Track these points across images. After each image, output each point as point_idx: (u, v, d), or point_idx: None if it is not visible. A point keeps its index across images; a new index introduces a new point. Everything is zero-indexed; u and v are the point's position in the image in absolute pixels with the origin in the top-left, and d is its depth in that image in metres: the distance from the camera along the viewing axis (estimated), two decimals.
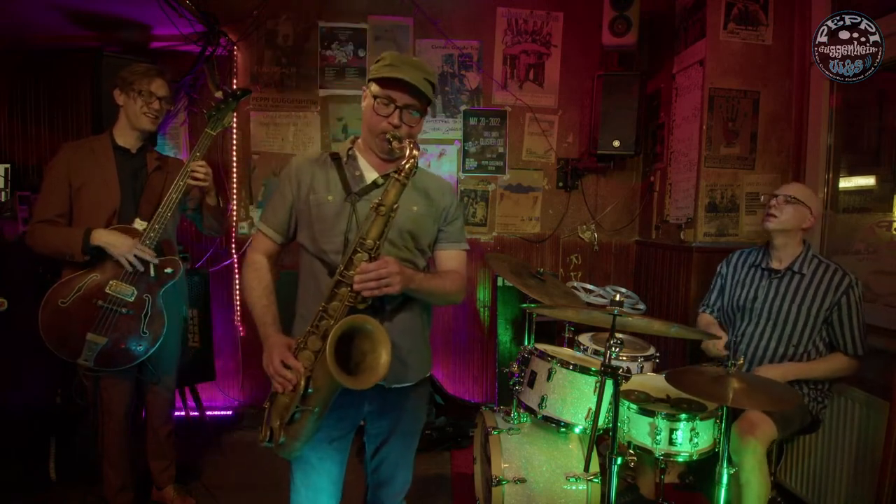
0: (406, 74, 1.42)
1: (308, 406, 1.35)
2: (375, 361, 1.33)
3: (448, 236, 1.63)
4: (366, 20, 3.40)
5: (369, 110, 1.48)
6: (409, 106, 1.46)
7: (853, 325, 2.10)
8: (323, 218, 1.49)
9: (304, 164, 1.57)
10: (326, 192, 1.51)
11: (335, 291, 1.37)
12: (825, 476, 2.33)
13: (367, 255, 1.35)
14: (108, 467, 2.26)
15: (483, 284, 3.62)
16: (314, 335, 1.38)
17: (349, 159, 1.56)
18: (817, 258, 2.21)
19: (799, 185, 2.28)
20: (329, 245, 1.48)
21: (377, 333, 1.34)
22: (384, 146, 1.48)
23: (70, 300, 2.04)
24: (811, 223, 2.21)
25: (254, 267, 1.55)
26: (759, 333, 2.24)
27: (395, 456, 1.65)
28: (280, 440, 1.37)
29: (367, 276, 1.32)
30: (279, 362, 1.36)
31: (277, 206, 1.57)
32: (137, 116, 2.17)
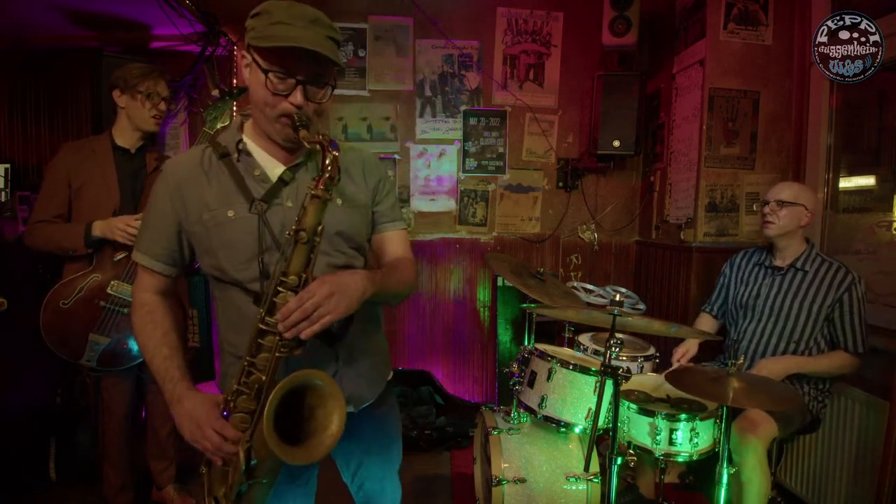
0: (305, 38, 1.06)
1: (255, 479, 1.12)
2: (326, 420, 1.09)
3: (383, 216, 1.35)
4: (366, 20, 3.40)
5: (258, 87, 1.11)
6: (315, 76, 1.12)
7: (854, 322, 2.11)
8: (227, 241, 1.17)
9: (184, 172, 1.21)
10: (224, 206, 1.17)
11: (260, 342, 1.09)
12: (825, 476, 2.33)
13: (293, 293, 1.07)
14: (109, 467, 2.26)
15: (483, 284, 3.62)
16: (244, 395, 1.11)
17: (241, 155, 1.21)
18: (820, 256, 2.22)
19: (788, 185, 2.27)
20: (243, 274, 1.18)
21: (327, 388, 1.09)
22: (287, 133, 1.15)
23: (71, 301, 2.05)
24: (809, 219, 2.22)
25: (145, 309, 1.24)
26: (760, 330, 2.25)
27: (376, 471, 1.47)
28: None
29: (293, 319, 1.04)
30: (213, 434, 1.09)
31: (159, 231, 1.22)
32: (145, 119, 2.18)
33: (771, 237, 2.25)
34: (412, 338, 3.59)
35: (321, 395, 1.10)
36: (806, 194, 2.22)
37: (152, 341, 1.22)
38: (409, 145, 3.51)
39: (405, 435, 3.01)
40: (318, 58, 1.08)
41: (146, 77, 2.16)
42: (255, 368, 1.10)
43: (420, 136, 3.50)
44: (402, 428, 3.10)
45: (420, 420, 3.18)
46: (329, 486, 1.58)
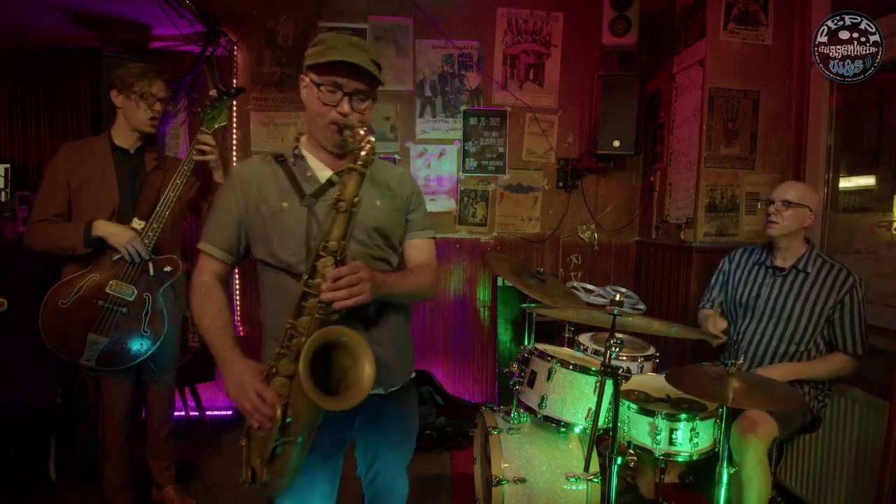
0: (350, 56, 1.28)
1: (289, 437, 1.22)
2: (358, 376, 1.20)
3: (413, 224, 1.53)
4: (366, 20, 3.40)
5: (313, 101, 1.34)
6: (357, 91, 1.33)
7: (854, 324, 2.10)
8: (280, 229, 1.36)
9: (247, 173, 1.42)
10: (279, 200, 1.37)
11: (302, 304, 1.23)
12: (825, 476, 2.33)
13: (332, 258, 1.22)
14: (109, 467, 2.26)
15: (483, 284, 3.62)
16: (286, 357, 1.24)
17: (296, 160, 1.42)
18: (821, 257, 2.21)
19: (794, 185, 2.25)
20: (293, 257, 1.35)
21: (355, 345, 1.21)
22: (335, 138, 1.35)
23: (70, 301, 2.04)
24: (812, 221, 2.21)
25: (203, 289, 1.40)
26: (760, 331, 2.24)
27: (390, 467, 1.58)
28: (264, 479, 1.25)
29: (337, 285, 1.20)
30: (255, 395, 1.22)
31: (223, 223, 1.41)
32: (140, 121, 2.18)
33: (774, 237, 2.23)
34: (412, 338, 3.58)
35: (350, 353, 1.22)
36: (811, 196, 2.20)
37: (209, 316, 1.37)
38: (409, 145, 3.51)
39: None
40: (361, 74, 1.31)
41: (142, 77, 2.16)
42: (297, 332, 1.23)
43: (420, 136, 3.50)
44: None
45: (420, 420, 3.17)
46: None
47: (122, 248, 2.05)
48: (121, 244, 2.05)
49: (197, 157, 2.19)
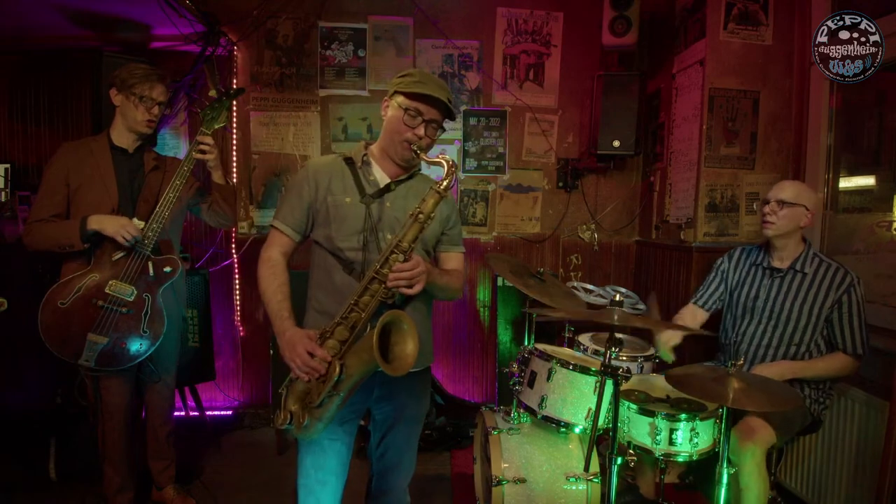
0: (436, 92, 1.54)
1: (338, 391, 1.44)
2: (403, 352, 1.44)
3: (450, 239, 1.75)
4: (366, 20, 3.40)
5: (396, 121, 1.58)
6: (433, 121, 1.59)
7: (853, 323, 2.09)
8: (341, 218, 1.58)
9: (321, 167, 1.65)
10: (344, 195, 1.60)
11: (368, 287, 1.47)
12: (825, 476, 2.33)
13: (402, 255, 1.47)
14: (109, 467, 2.26)
15: (483, 284, 3.62)
16: (342, 326, 1.47)
17: (363, 164, 1.65)
18: (819, 257, 2.20)
19: (790, 185, 2.22)
20: (345, 243, 1.57)
21: (410, 329, 1.45)
22: (406, 154, 1.59)
23: (70, 301, 2.04)
24: (809, 221, 2.19)
25: (270, 263, 1.61)
26: (760, 332, 2.24)
27: (401, 441, 1.72)
28: (305, 423, 1.46)
29: (402, 276, 1.45)
30: (304, 353, 1.43)
31: (295, 206, 1.63)
32: (138, 122, 2.18)
33: (769, 237, 2.22)
34: None
35: (402, 334, 1.45)
36: (807, 195, 2.18)
37: (271, 288, 1.57)
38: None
39: None
40: (439, 107, 1.57)
41: (144, 80, 2.15)
42: (358, 307, 1.47)
43: None
44: None
45: None
46: None
47: (116, 234, 2.04)
48: (113, 231, 2.04)
49: (197, 156, 2.19)
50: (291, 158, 3.43)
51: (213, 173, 2.31)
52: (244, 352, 3.54)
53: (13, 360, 2.65)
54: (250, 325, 3.49)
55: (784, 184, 2.24)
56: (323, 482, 1.62)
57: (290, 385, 1.52)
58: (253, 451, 3.07)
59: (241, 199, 3.44)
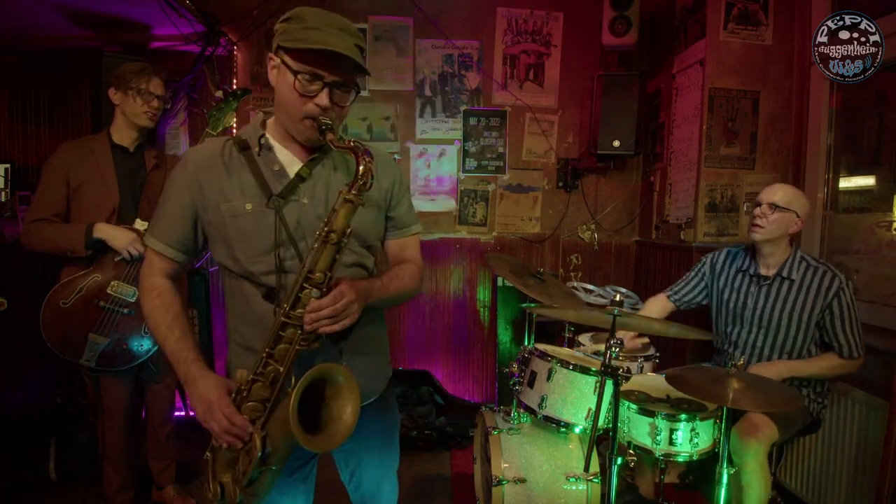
0: (335, 43, 1.11)
1: (267, 466, 1.17)
2: (341, 411, 1.16)
3: (396, 223, 1.39)
4: (366, 20, 3.40)
5: (287, 89, 1.15)
6: (340, 83, 1.17)
7: (846, 327, 2.05)
8: (243, 233, 1.20)
9: (204, 161, 1.24)
10: (242, 199, 1.20)
11: (280, 335, 1.14)
12: (825, 476, 2.33)
13: (318, 290, 1.13)
14: (109, 467, 2.26)
15: (483, 284, 3.62)
16: (259, 383, 1.16)
17: (262, 150, 1.24)
18: (805, 260, 2.14)
19: (783, 189, 2.14)
20: (257, 266, 1.21)
21: (346, 383, 1.16)
22: (311, 135, 1.19)
23: (71, 301, 2.05)
24: (799, 227, 2.12)
25: (155, 292, 1.26)
26: (752, 341, 2.21)
27: (374, 470, 1.48)
28: (238, 499, 1.18)
29: (321, 315, 1.12)
30: (223, 417, 1.14)
31: (174, 217, 1.25)
32: (137, 115, 2.17)
33: (757, 241, 2.16)
34: (412, 338, 3.59)
35: (338, 389, 1.16)
36: (800, 200, 2.11)
37: (164, 323, 1.24)
38: (409, 145, 3.51)
39: (405, 435, 3.02)
40: (345, 63, 1.14)
41: (139, 74, 2.16)
42: (273, 359, 1.15)
43: (420, 136, 3.50)
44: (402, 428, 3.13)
45: (420, 420, 3.18)
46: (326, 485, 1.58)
47: (124, 250, 2.05)
48: (122, 247, 2.05)
49: None
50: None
51: None
52: None
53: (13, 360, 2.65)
54: None
55: (777, 186, 2.17)
56: None
57: (215, 451, 1.23)
58: None
59: None
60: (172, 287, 1.29)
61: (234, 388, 1.19)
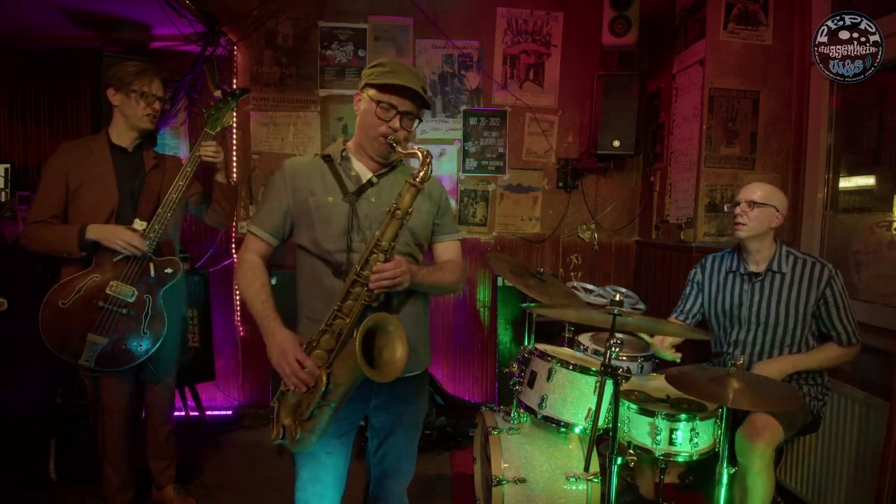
0: (408, 81, 1.48)
1: (327, 402, 1.39)
2: (392, 356, 1.39)
3: (442, 228, 1.70)
4: (366, 20, 3.40)
5: (369, 115, 1.52)
6: (408, 112, 1.52)
7: (842, 316, 2.08)
8: (325, 219, 1.52)
9: (298, 168, 1.59)
10: (326, 194, 1.53)
11: (350, 291, 1.41)
12: (825, 476, 2.33)
13: (383, 255, 1.41)
14: (109, 467, 2.26)
15: (483, 284, 3.62)
16: (327, 334, 1.42)
17: (343, 161, 1.59)
18: (793, 254, 2.18)
19: (759, 186, 2.20)
20: (332, 245, 1.51)
21: (397, 331, 1.39)
22: (383, 150, 1.53)
23: (70, 301, 2.04)
24: (780, 221, 2.16)
25: (249, 265, 1.56)
26: (751, 339, 2.21)
27: (400, 446, 1.68)
28: (297, 436, 1.41)
29: (383, 276, 1.39)
30: (294, 361, 1.39)
31: (272, 210, 1.57)
32: (139, 118, 2.17)
33: (742, 239, 2.19)
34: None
35: (390, 337, 1.39)
36: (777, 196, 2.17)
37: (253, 290, 1.51)
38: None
39: None
40: (413, 98, 1.51)
41: (140, 76, 2.15)
42: (342, 313, 1.41)
43: (420, 136, 3.50)
44: None
45: None
46: None
47: (116, 246, 2.04)
48: (112, 242, 2.04)
49: (206, 161, 2.18)
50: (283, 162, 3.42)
51: (218, 174, 2.30)
52: (244, 352, 3.54)
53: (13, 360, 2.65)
54: (250, 325, 3.48)
55: (754, 185, 2.22)
56: (320, 495, 1.59)
57: (282, 397, 1.47)
58: (253, 451, 3.07)
59: (240, 199, 3.44)
60: (262, 264, 1.58)
61: (304, 342, 1.43)
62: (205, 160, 2.17)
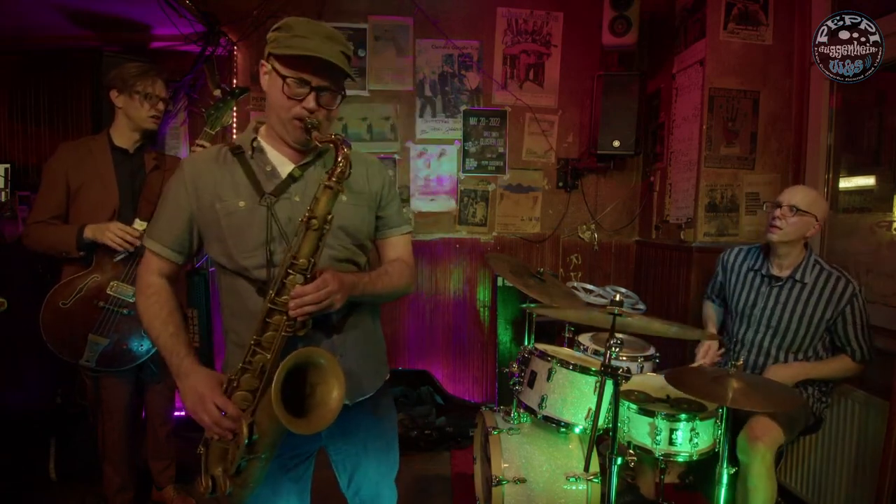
0: (321, 50, 1.19)
1: (255, 454, 1.19)
2: (327, 395, 1.18)
3: (387, 222, 1.44)
4: (366, 20, 3.40)
5: (276, 92, 1.23)
6: (324, 87, 1.23)
7: (858, 334, 2.07)
8: (237, 229, 1.26)
9: (200, 166, 1.31)
10: (236, 198, 1.26)
11: (267, 321, 1.18)
12: (825, 476, 2.33)
13: (302, 276, 1.17)
14: (109, 467, 2.26)
15: (483, 284, 3.62)
16: (248, 373, 1.20)
17: (255, 152, 1.30)
18: (819, 264, 2.14)
19: (804, 191, 2.14)
20: (250, 261, 1.26)
21: (329, 366, 1.19)
22: (299, 136, 1.26)
23: (71, 301, 2.05)
24: (816, 230, 2.12)
25: (153, 289, 1.30)
26: (759, 340, 2.21)
27: (373, 476, 1.48)
28: (227, 491, 1.20)
29: (304, 301, 1.15)
30: (213, 408, 1.17)
31: (171, 219, 1.30)
32: (143, 119, 2.17)
33: (774, 243, 2.15)
34: (412, 338, 3.59)
35: (322, 373, 1.19)
36: (819, 204, 2.10)
37: (159, 320, 1.28)
38: (409, 145, 3.51)
39: (405, 435, 3.01)
40: (331, 68, 1.22)
41: (143, 77, 2.15)
42: (261, 348, 1.19)
43: (420, 136, 3.50)
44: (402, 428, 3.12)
45: (420, 420, 3.18)
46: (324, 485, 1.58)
47: (108, 240, 2.03)
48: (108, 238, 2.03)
49: None
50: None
51: None
52: None
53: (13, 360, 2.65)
54: None
55: (798, 189, 2.16)
56: None
57: (208, 444, 1.26)
58: None
59: None
60: (168, 286, 1.34)
61: (224, 381, 1.22)
62: None
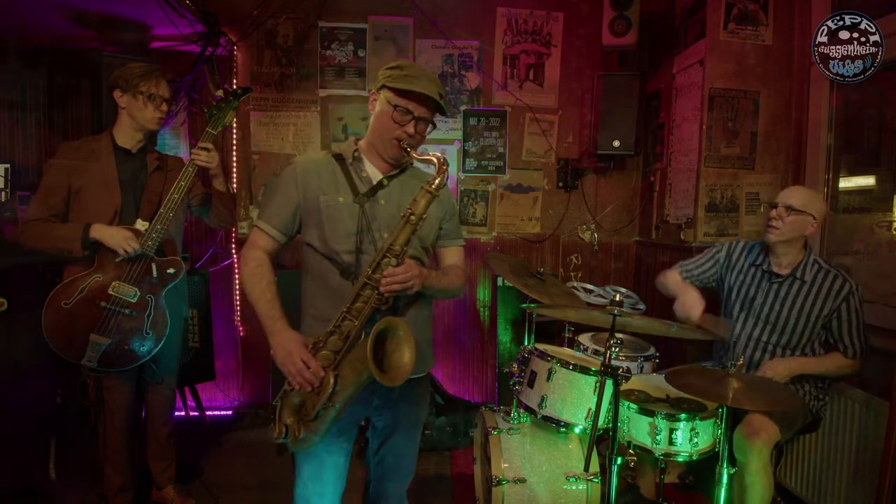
0: (427, 88, 1.48)
1: (333, 403, 1.40)
2: (400, 360, 1.41)
3: (448, 234, 1.71)
4: (366, 20, 3.40)
5: (385, 117, 1.52)
6: (423, 118, 1.53)
7: (852, 331, 2.09)
8: (334, 219, 1.52)
9: (310, 165, 1.58)
10: (336, 194, 1.53)
11: (360, 293, 1.43)
12: (825, 476, 2.33)
13: (395, 259, 1.43)
14: (109, 467, 2.26)
15: (483, 284, 3.62)
16: (335, 335, 1.43)
17: (354, 161, 1.59)
18: (818, 263, 2.17)
19: (800, 191, 2.17)
20: (340, 245, 1.51)
21: (405, 336, 1.41)
22: (396, 153, 1.54)
23: (73, 301, 2.04)
24: (814, 230, 2.14)
25: (256, 262, 1.54)
26: (756, 336, 2.22)
27: (400, 447, 1.69)
28: (300, 436, 1.42)
29: (395, 279, 1.41)
30: (300, 361, 1.39)
31: (281, 206, 1.56)
32: (148, 120, 2.17)
33: (772, 242, 2.17)
34: None
35: (398, 341, 1.42)
36: (816, 204, 2.12)
37: (259, 287, 1.50)
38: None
39: None
40: (430, 105, 1.52)
41: (147, 78, 2.15)
42: (351, 315, 1.43)
43: None
44: None
45: None
46: None
47: (119, 248, 2.04)
48: (116, 245, 2.04)
49: (200, 164, 2.18)
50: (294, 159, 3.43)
51: (214, 180, 2.30)
52: (244, 352, 3.54)
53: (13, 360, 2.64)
54: (250, 325, 3.49)
55: (794, 189, 2.19)
56: (320, 493, 1.59)
57: (285, 396, 1.47)
58: (253, 451, 3.07)
59: (240, 199, 3.44)
60: (268, 261, 1.56)
61: (309, 343, 1.44)
62: (197, 165, 2.17)
